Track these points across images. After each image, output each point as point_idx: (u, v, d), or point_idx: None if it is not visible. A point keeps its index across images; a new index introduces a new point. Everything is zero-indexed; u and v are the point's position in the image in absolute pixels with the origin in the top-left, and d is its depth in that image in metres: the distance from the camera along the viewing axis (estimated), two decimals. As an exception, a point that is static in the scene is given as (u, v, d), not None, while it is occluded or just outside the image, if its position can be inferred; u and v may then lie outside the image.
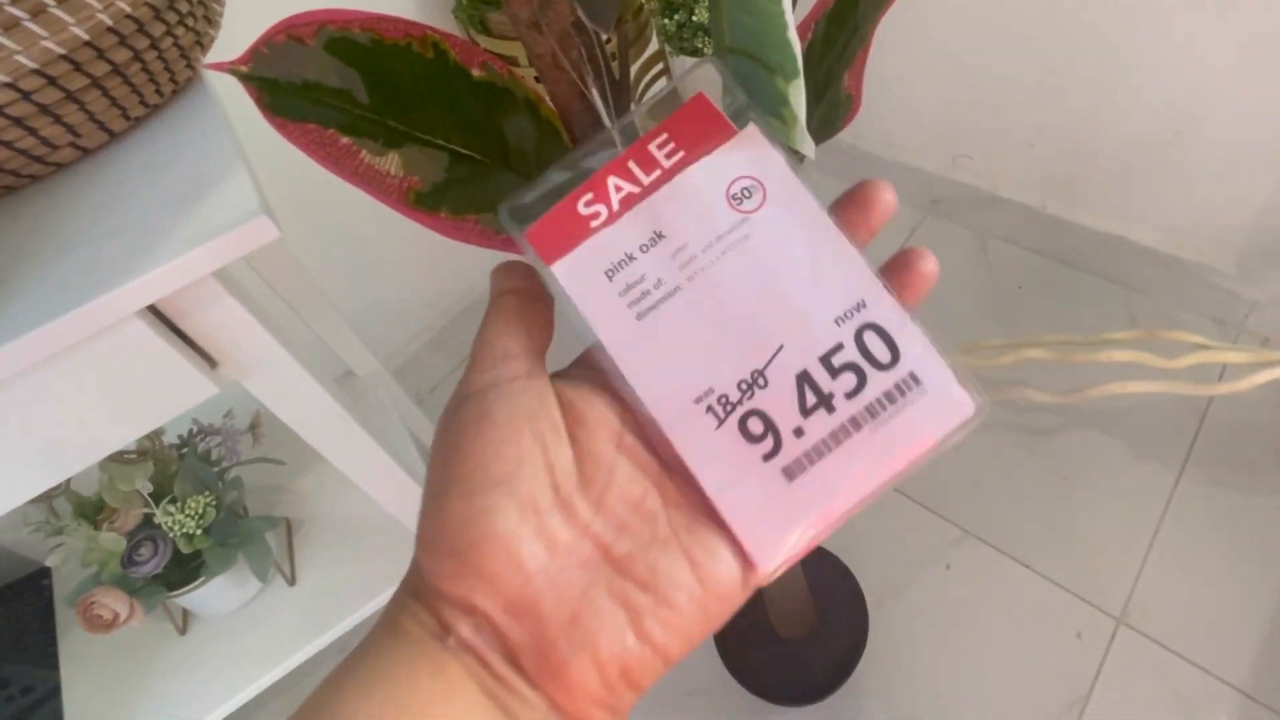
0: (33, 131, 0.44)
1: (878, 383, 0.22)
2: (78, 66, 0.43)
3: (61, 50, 0.42)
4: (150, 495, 0.67)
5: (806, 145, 0.25)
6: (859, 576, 0.98)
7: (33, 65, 0.41)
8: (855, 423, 0.22)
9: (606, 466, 0.22)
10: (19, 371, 0.40)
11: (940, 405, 0.22)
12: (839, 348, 0.22)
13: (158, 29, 0.47)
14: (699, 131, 0.24)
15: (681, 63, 0.99)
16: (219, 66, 0.29)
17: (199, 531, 0.66)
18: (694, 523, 0.22)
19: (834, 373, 0.22)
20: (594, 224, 0.24)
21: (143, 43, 0.46)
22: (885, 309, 0.22)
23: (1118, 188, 1.16)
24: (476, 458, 0.21)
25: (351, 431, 0.59)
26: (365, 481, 0.63)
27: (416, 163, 0.30)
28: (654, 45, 1.05)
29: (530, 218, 0.25)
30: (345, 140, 0.29)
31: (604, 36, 0.29)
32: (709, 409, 0.23)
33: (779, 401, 0.22)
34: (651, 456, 0.23)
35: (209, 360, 0.49)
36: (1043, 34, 1.06)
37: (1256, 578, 0.93)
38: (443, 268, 1.29)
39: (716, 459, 0.22)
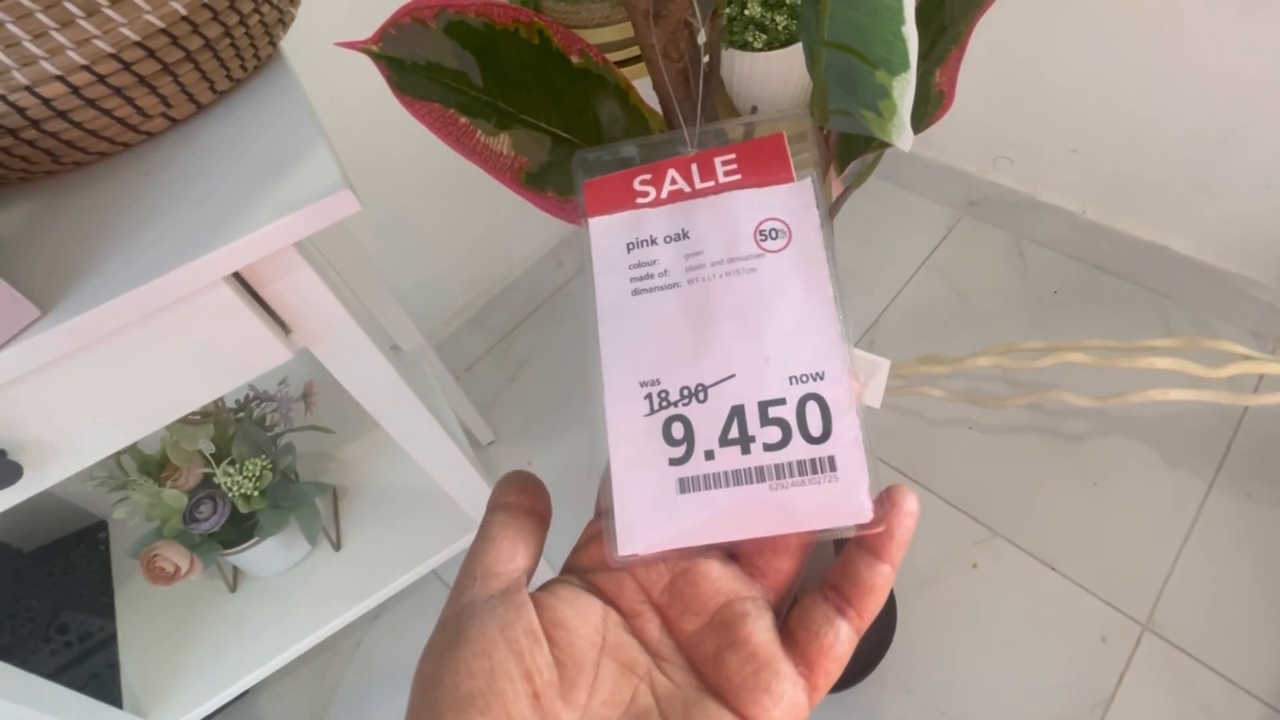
0: (130, 101, 0.46)
1: (798, 450, 0.23)
2: (174, 40, 0.45)
3: (161, 24, 0.44)
4: (211, 456, 0.69)
5: (904, 139, 0.27)
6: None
7: (135, 38, 0.43)
8: (760, 473, 0.23)
9: (590, 668, 0.21)
10: (115, 329, 0.42)
11: (842, 500, 0.22)
12: (780, 401, 0.23)
13: (246, 5, 0.49)
14: (763, 165, 0.26)
15: (730, 55, 0.99)
16: (352, 45, 0.30)
17: (256, 493, 0.69)
18: (689, 706, 0.21)
19: (765, 421, 0.23)
20: (639, 200, 0.26)
21: (233, 19, 0.48)
22: (838, 390, 0.23)
23: (1159, 196, 1.15)
24: (449, 681, 0.20)
25: (408, 401, 0.61)
26: (417, 450, 0.65)
27: (524, 144, 0.31)
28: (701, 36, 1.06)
29: (593, 173, 0.27)
30: (464, 120, 0.31)
31: (697, 29, 0.31)
32: (648, 396, 0.24)
33: (707, 420, 0.23)
34: (640, 651, 0.22)
35: (284, 326, 0.51)
36: (1090, 37, 1.05)
37: (1286, 590, 0.93)
38: (483, 249, 1.30)
39: (633, 440, 0.24)
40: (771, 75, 0.96)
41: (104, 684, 0.77)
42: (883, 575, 0.22)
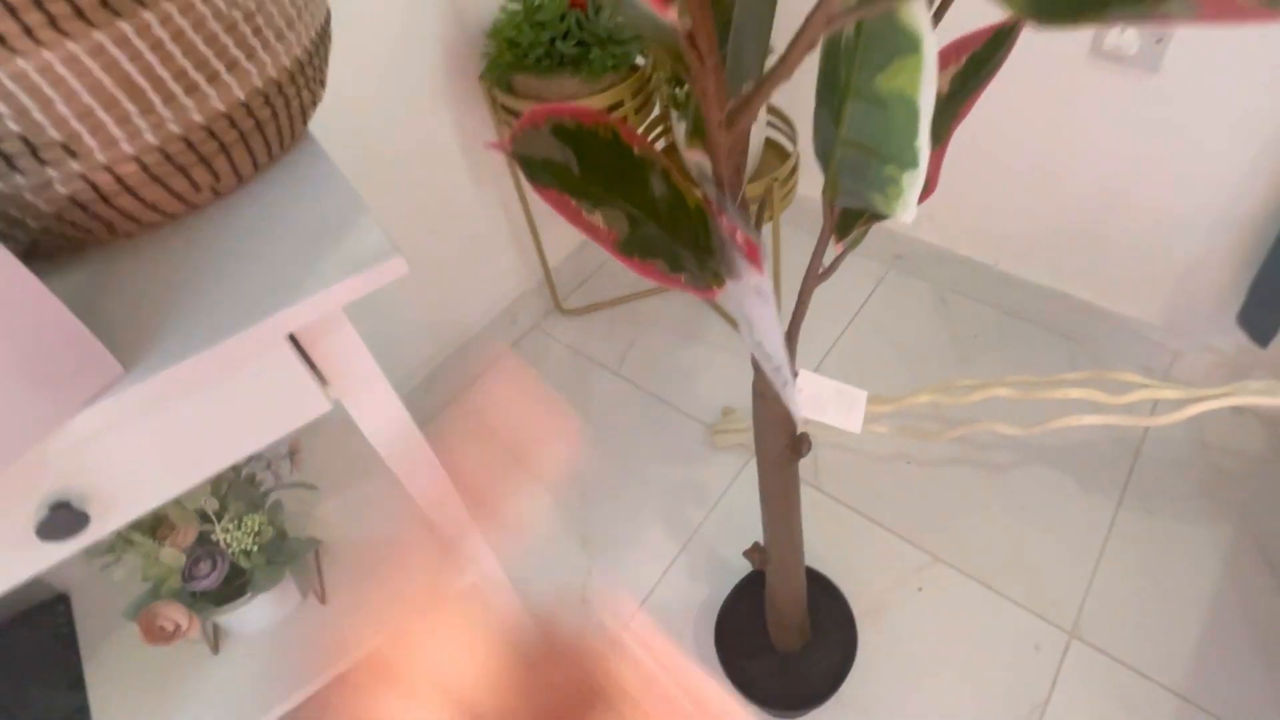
0: (189, 178, 0.50)
1: None
2: (233, 123, 0.50)
3: (224, 109, 0.49)
4: (212, 513, 0.70)
5: (909, 215, 0.34)
6: (847, 597, 1.06)
7: (202, 122, 0.48)
8: None
9: None
10: (190, 386, 0.45)
11: None
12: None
13: (291, 90, 0.54)
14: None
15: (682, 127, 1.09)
16: (498, 146, 0.36)
17: (255, 549, 0.70)
18: None
19: None
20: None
21: (280, 102, 0.53)
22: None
23: (1059, 249, 1.31)
24: None
25: (421, 449, 0.65)
26: (423, 496, 0.69)
27: (612, 219, 0.37)
28: (657, 110, 1.15)
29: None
30: (573, 202, 0.37)
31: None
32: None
33: None
34: None
35: (322, 379, 0.55)
36: (1001, 114, 1.20)
37: (1186, 594, 1.05)
38: (442, 308, 1.34)
39: None
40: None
41: (79, 760, 0.75)
42: None
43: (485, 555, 0.81)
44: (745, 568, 1.10)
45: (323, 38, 0.57)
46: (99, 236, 0.50)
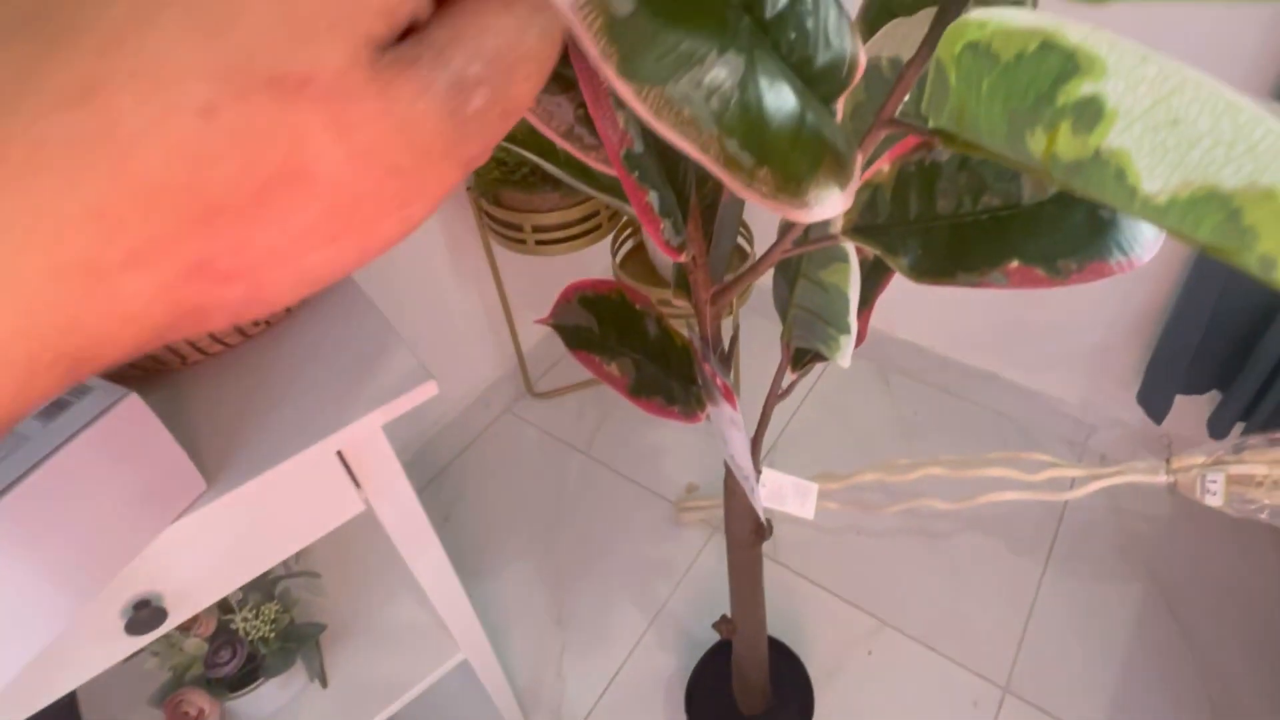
0: (252, 316, 0.59)
1: None
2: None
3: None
4: (228, 604, 0.77)
5: (845, 360, 0.46)
6: (804, 661, 1.15)
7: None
8: None
9: None
10: (252, 499, 0.54)
11: None
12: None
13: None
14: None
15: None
16: (543, 321, 0.47)
17: (271, 635, 0.77)
18: None
19: None
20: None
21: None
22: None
23: (989, 335, 1.47)
24: None
25: (430, 539, 0.73)
26: (428, 580, 0.77)
27: (625, 367, 0.48)
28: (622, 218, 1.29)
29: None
30: (597, 358, 0.47)
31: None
32: None
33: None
34: None
35: (357, 484, 0.63)
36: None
37: (1106, 646, 1.18)
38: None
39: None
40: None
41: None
42: None
43: (477, 633, 0.88)
44: (710, 638, 1.19)
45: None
46: (170, 366, 0.59)
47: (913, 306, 1.52)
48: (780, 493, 0.64)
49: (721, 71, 0.19)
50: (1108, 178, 0.16)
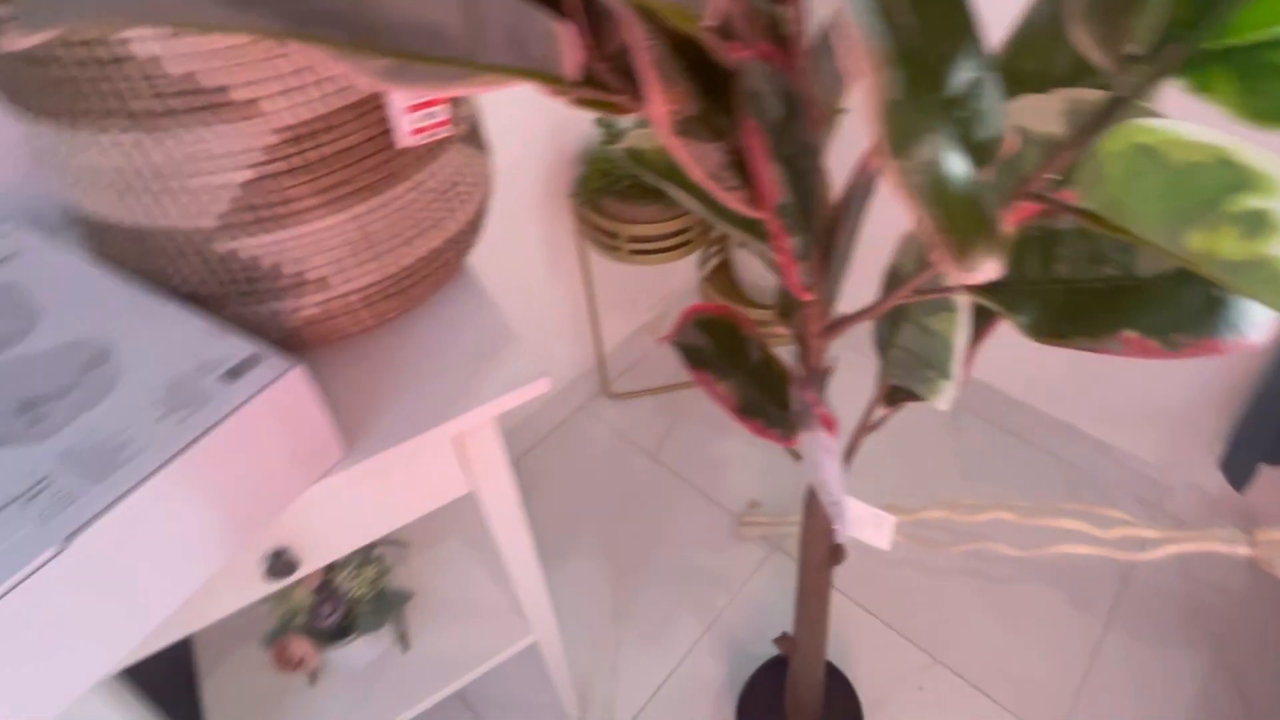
0: (390, 303, 0.65)
1: None
2: (426, 265, 0.66)
3: (423, 255, 0.65)
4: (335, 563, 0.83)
5: (945, 404, 0.49)
6: (856, 688, 1.16)
7: (408, 266, 0.64)
8: None
9: None
10: (378, 470, 0.59)
11: None
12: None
13: (465, 240, 0.70)
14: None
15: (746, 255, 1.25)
16: (666, 339, 0.51)
17: (368, 596, 0.83)
18: None
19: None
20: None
21: (457, 249, 0.69)
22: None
23: (1068, 384, 1.45)
24: None
25: (519, 521, 0.78)
26: (514, 560, 0.81)
27: (732, 388, 0.52)
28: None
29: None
30: (711, 377, 0.51)
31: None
32: None
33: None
34: None
35: (466, 468, 0.69)
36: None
37: (1165, 715, 1.15)
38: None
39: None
40: (774, 272, 1.22)
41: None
42: None
43: (548, 617, 0.93)
44: (762, 654, 1.21)
45: (486, 200, 0.74)
46: (313, 345, 0.65)
47: (991, 348, 1.51)
48: (859, 521, 0.67)
49: (930, 147, 0.23)
50: (1264, 280, 0.19)
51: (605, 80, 0.40)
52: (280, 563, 0.57)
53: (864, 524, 0.68)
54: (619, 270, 1.58)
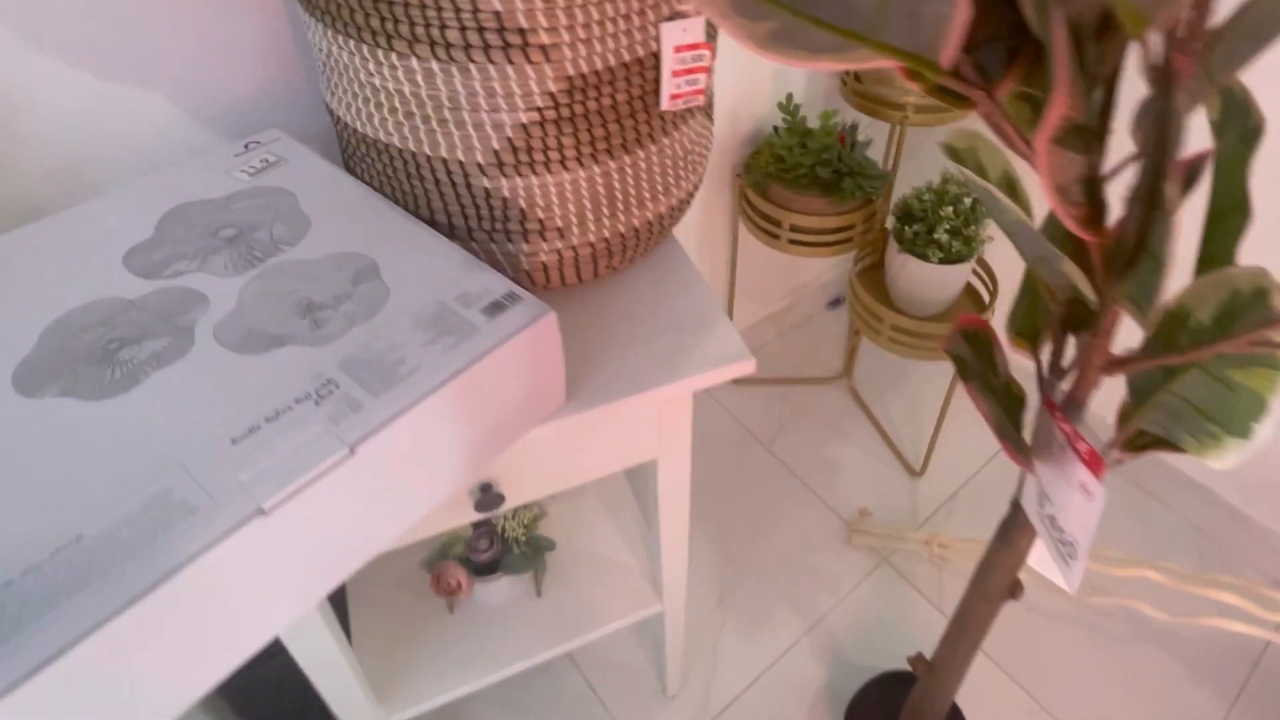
0: (615, 258, 0.66)
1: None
2: (650, 228, 0.66)
3: (650, 219, 0.65)
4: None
5: (1220, 465, 0.46)
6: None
7: (636, 225, 0.64)
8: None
9: None
10: (588, 424, 0.60)
11: None
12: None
13: (680, 210, 0.70)
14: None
15: (905, 259, 1.21)
16: (943, 345, 0.50)
17: (522, 538, 0.85)
18: None
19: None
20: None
21: (674, 216, 0.69)
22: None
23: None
24: None
25: (684, 495, 0.79)
26: (669, 529, 0.82)
27: (991, 405, 0.51)
28: (887, 223, 1.29)
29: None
30: (978, 392, 0.50)
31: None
32: None
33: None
34: None
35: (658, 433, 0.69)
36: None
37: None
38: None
39: None
40: (933, 283, 1.18)
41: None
42: None
43: (681, 592, 0.94)
44: (862, 665, 1.20)
45: (705, 172, 0.73)
46: (541, 287, 0.66)
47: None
48: (1044, 558, 0.65)
49: None
50: None
51: (965, 73, 0.38)
52: (490, 496, 0.59)
53: (1049, 561, 0.66)
54: (756, 257, 1.57)
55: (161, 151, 0.75)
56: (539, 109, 0.53)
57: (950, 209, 1.09)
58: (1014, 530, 0.63)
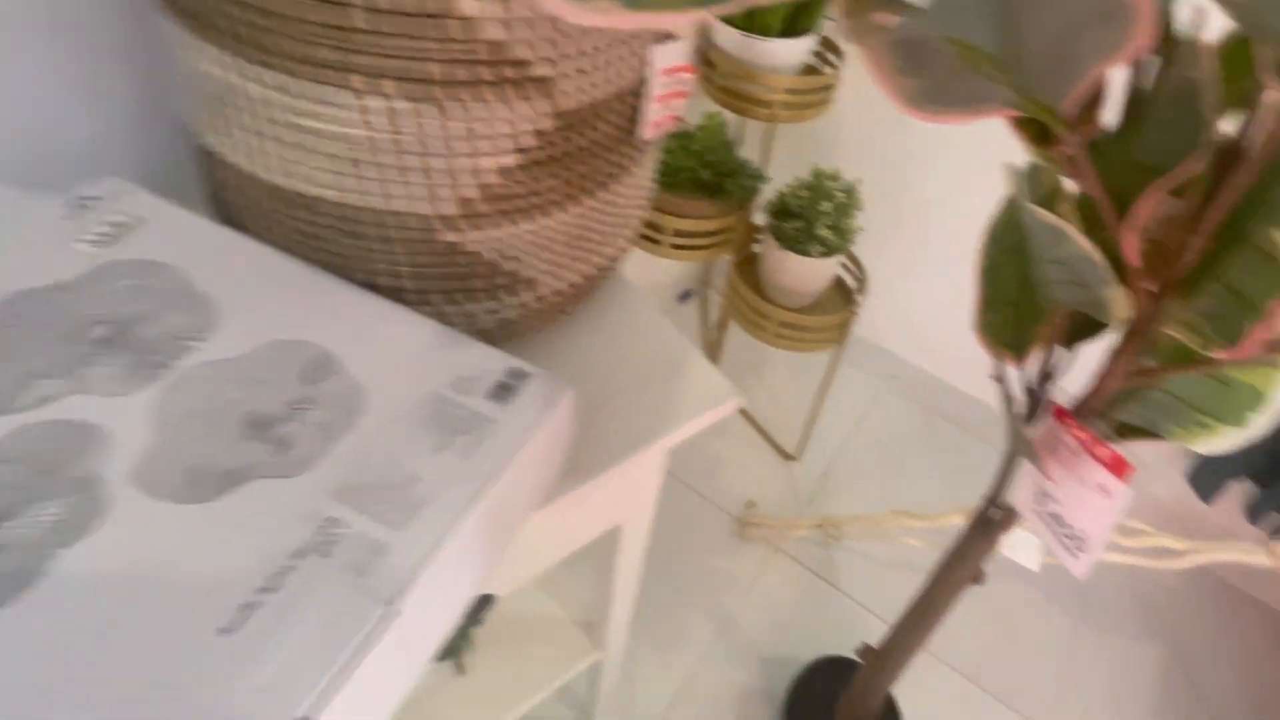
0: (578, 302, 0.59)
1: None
2: (600, 272, 0.60)
3: (603, 262, 0.59)
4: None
5: (1205, 449, 0.49)
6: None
7: (593, 271, 0.57)
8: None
9: None
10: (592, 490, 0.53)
11: None
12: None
13: (624, 254, 0.64)
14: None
15: (785, 255, 1.23)
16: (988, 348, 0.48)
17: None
18: None
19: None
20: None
21: (620, 262, 0.63)
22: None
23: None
24: None
25: (642, 546, 0.74)
26: (622, 584, 0.77)
27: None
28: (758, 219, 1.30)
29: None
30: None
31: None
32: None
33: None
34: None
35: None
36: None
37: (1130, 701, 1.27)
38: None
39: None
40: (810, 277, 1.22)
41: None
42: None
43: (622, 635, 0.88)
44: (778, 656, 1.22)
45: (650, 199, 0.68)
46: (507, 338, 0.57)
47: (975, 358, 1.59)
48: (1019, 546, 0.68)
49: None
50: None
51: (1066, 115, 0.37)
52: (480, 601, 0.50)
53: (1016, 545, 0.69)
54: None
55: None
56: (523, 149, 0.44)
57: (828, 203, 1.12)
58: (984, 523, 0.65)
